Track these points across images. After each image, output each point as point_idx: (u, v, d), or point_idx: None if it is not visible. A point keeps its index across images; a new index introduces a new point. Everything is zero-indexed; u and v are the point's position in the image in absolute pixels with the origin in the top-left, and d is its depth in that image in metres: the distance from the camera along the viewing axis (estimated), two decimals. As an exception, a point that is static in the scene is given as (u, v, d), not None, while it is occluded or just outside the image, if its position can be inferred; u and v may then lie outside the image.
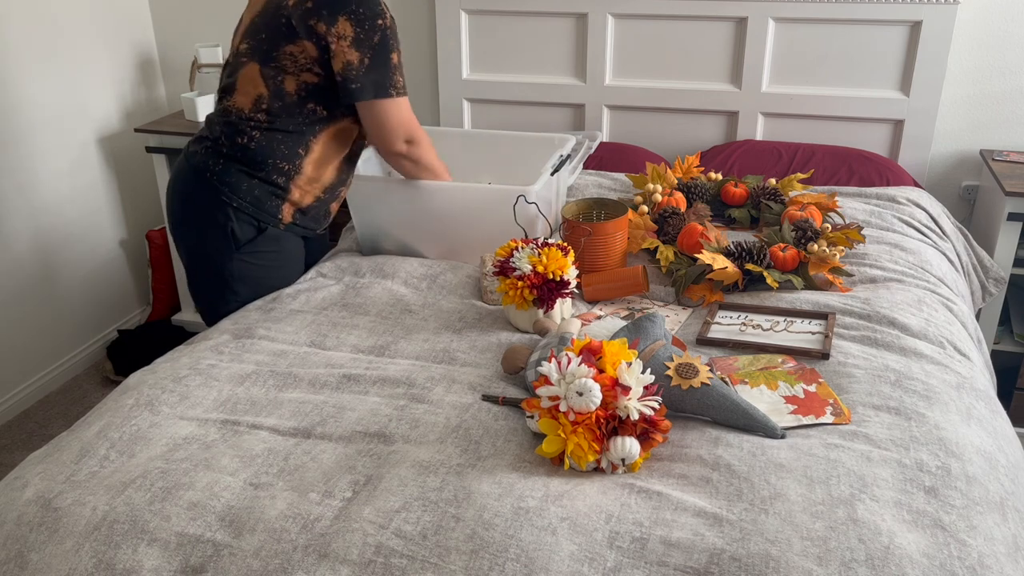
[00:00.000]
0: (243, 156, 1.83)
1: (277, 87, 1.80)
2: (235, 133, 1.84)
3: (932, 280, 1.91)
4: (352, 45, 1.74)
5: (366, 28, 1.74)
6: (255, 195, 1.85)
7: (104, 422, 1.43)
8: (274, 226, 1.89)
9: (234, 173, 1.83)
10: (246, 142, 1.83)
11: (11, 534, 1.21)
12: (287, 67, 1.79)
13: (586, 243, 1.90)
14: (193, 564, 1.14)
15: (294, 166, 1.85)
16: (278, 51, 1.78)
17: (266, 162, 1.83)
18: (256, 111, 1.82)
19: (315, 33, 1.74)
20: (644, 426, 1.28)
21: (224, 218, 1.85)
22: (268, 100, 1.81)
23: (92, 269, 3.01)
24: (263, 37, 1.79)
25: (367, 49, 1.75)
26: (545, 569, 1.09)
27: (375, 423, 1.40)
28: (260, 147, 1.83)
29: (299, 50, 1.77)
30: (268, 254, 1.91)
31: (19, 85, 2.64)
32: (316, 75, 1.80)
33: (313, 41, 1.75)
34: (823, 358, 1.58)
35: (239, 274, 1.89)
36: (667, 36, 2.70)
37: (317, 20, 1.73)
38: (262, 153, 1.83)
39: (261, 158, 1.83)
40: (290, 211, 1.90)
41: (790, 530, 1.14)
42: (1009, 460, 1.34)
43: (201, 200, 1.86)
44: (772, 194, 2.20)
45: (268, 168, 1.84)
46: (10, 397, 2.74)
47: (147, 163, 3.18)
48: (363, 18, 1.73)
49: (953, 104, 2.64)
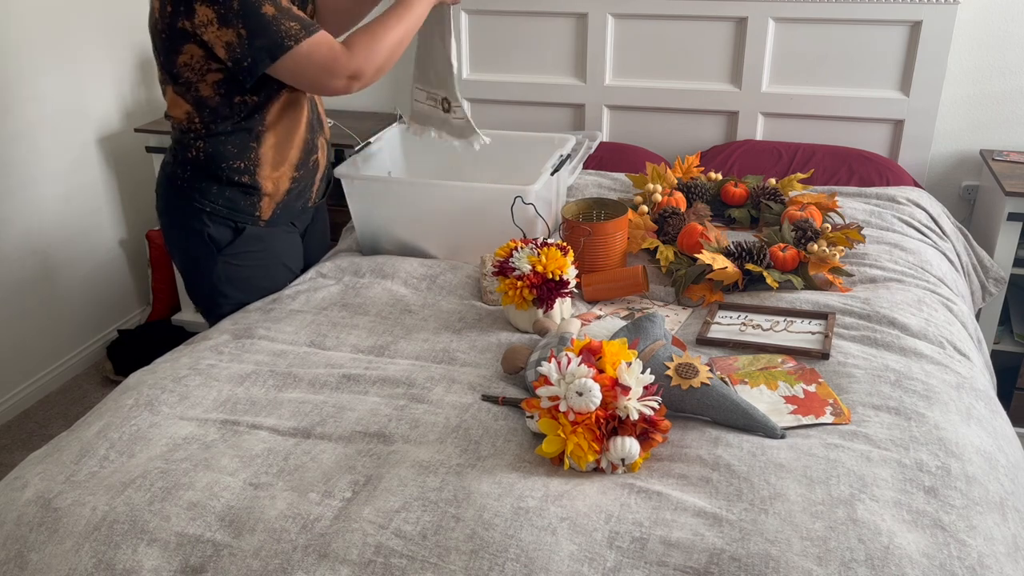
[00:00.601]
0: (199, 165, 1.81)
1: (196, 98, 1.74)
2: (183, 148, 1.81)
3: (932, 280, 1.91)
4: (219, 25, 1.61)
5: (221, 2, 1.60)
6: (227, 196, 1.82)
7: (104, 422, 1.43)
8: (253, 224, 1.86)
9: (202, 179, 1.81)
10: (196, 154, 1.80)
11: (11, 534, 1.21)
12: (191, 78, 1.72)
13: (586, 243, 1.90)
14: (193, 564, 1.14)
15: (250, 160, 1.80)
16: (175, 67, 1.72)
17: (220, 166, 1.79)
18: (192, 123, 1.78)
19: (187, 33, 1.66)
20: (644, 426, 1.28)
21: (200, 224, 1.83)
22: (196, 113, 1.76)
23: (92, 269, 3.01)
24: (161, 60, 1.73)
25: (235, 20, 1.61)
26: (545, 569, 1.09)
27: (375, 423, 1.40)
28: (208, 154, 1.79)
29: (188, 57, 1.69)
30: (252, 254, 1.89)
31: (19, 85, 2.64)
32: (219, 70, 1.71)
33: (193, 41, 1.67)
34: (823, 358, 1.58)
35: (225, 277, 1.88)
36: (667, 36, 2.71)
37: (181, 19, 1.64)
38: (214, 159, 1.79)
39: (216, 162, 1.79)
40: (269, 205, 1.87)
41: (790, 530, 1.14)
42: (1009, 460, 1.34)
43: (177, 208, 1.85)
44: (772, 194, 2.20)
45: (225, 171, 1.80)
46: (10, 397, 2.74)
47: (147, 163, 3.18)
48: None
49: (953, 104, 2.64)
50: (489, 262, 1.91)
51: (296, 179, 1.90)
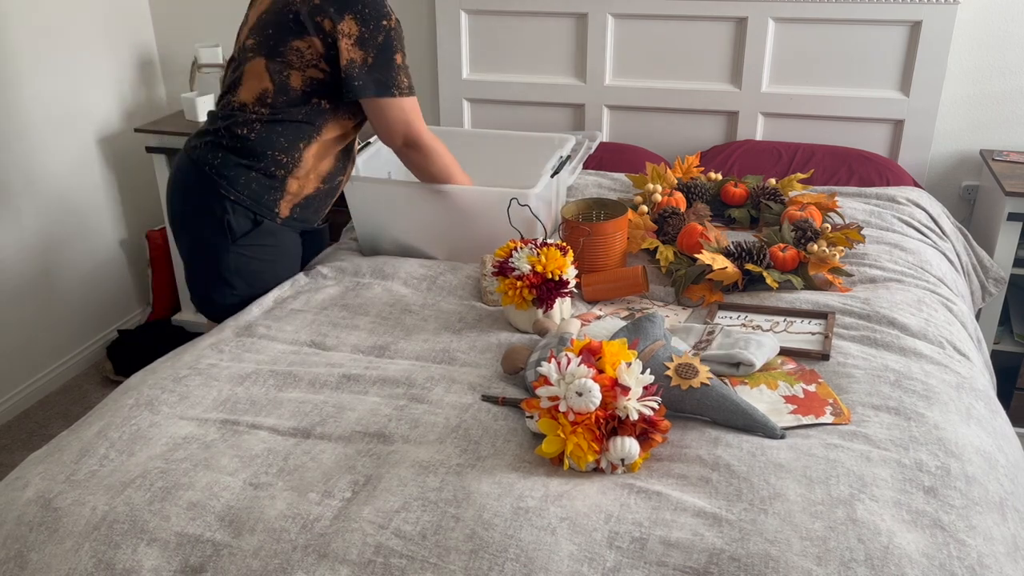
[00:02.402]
0: (242, 148, 1.85)
1: (282, 82, 1.83)
2: (236, 125, 1.86)
3: (932, 280, 1.91)
4: (356, 43, 1.78)
5: (371, 28, 1.78)
6: (252, 188, 1.86)
7: (104, 422, 1.43)
8: (271, 220, 1.90)
9: (232, 166, 1.85)
10: (246, 133, 1.85)
11: (11, 534, 1.21)
12: (293, 62, 1.81)
13: (586, 243, 1.90)
14: (193, 564, 1.14)
15: (293, 158, 1.87)
16: (285, 46, 1.81)
17: (265, 154, 1.85)
18: (259, 105, 1.84)
19: (322, 30, 1.78)
20: (644, 426, 1.28)
21: (221, 210, 1.86)
22: (272, 95, 1.83)
23: (92, 269, 3.01)
24: (270, 32, 1.82)
25: (371, 48, 1.79)
26: (545, 569, 1.09)
27: (375, 423, 1.40)
28: (260, 138, 1.85)
29: (306, 46, 1.79)
30: (265, 248, 1.92)
31: (19, 85, 2.64)
32: (322, 71, 1.82)
33: (320, 37, 1.78)
34: (823, 359, 1.58)
35: (235, 267, 1.90)
36: (667, 36, 2.70)
37: (324, 17, 1.77)
38: (261, 144, 1.85)
39: (260, 149, 1.85)
40: (288, 206, 1.91)
41: (789, 530, 1.14)
42: (1008, 460, 1.34)
43: (199, 192, 1.87)
44: (772, 194, 2.20)
45: (267, 160, 1.85)
46: (10, 397, 2.74)
47: (147, 163, 3.18)
48: (368, 18, 1.77)
49: (953, 104, 2.64)
50: (489, 263, 1.91)
51: (319, 190, 1.95)
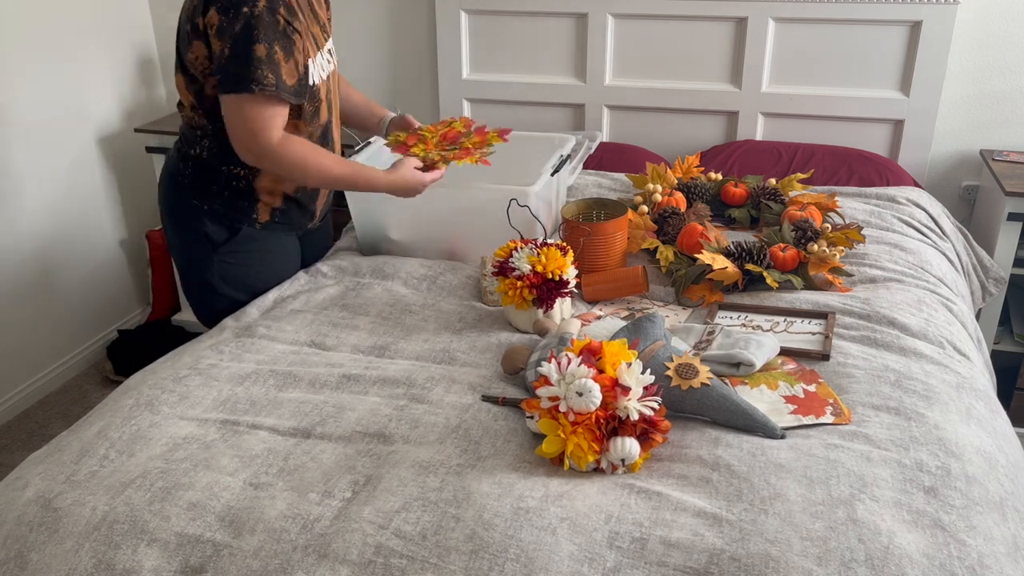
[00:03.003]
0: (201, 166, 1.82)
1: (199, 93, 1.76)
2: (189, 144, 1.82)
3: (932, 280, 1.91)
4: (216, 34, 1.64)
5: (230, 16, 1.62)
6: (224, 197, 1.83)
7: (104, 422, 1.43)
8: (249, 226, 1.87)
9: (202, 178, 1.82)
10: (199, 152, 1.81)
11: (11, 534, 1.21)
12: (196, 74, 1.74)
13: (586, 243, 1.90)
14: (193, 564, 1.14)
15: (250, 168, 1.81)
16: (185, 59, 1.74)
17: (220, 169, 1.80)
18: (196, 117, 1.79)
19: (198, 30, 1.69)
20: (644, 426, 1.28)
21: (198, 222, 1.85)
22: (199, 107, 1.78)
23: (92, 269, 3.01)
24: (178, 47, 1.76)
25: (228, 37, 1.63)
26: (545, 569, 1.09)
27: (375, 423, 1.40)
28: (212, 155, 1.80)
29: (194, 56, 1.71)
30: (248, 254, 1.90)
31: (19, 85, 2.64)
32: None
33: (201, 39, 1.69)
34: (823, 359, 1.58)
35: (221, 274, 1.89)
36: (667, 36, 2.70)
37: (198, 15, 1.68)
38: (215, 160, 1.80)
39: (216, 165, 1.80)
40: (267, 209, 1.88)
41: (790, 530, 1.14)
42: (1009, 460, 1.34)
43: (176, 204, 1.86)
44: (772, 194, 2.20)
45: (225, 174, 1.81)
46: (10, 397, 2.74)
47: (147, 163, 3.18)
48: (228, 6, 1.62)
49: (953, 104, 2.64)
50: (489, 263, 1.91)
51: (298, 190, 1.90)
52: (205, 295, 1.92)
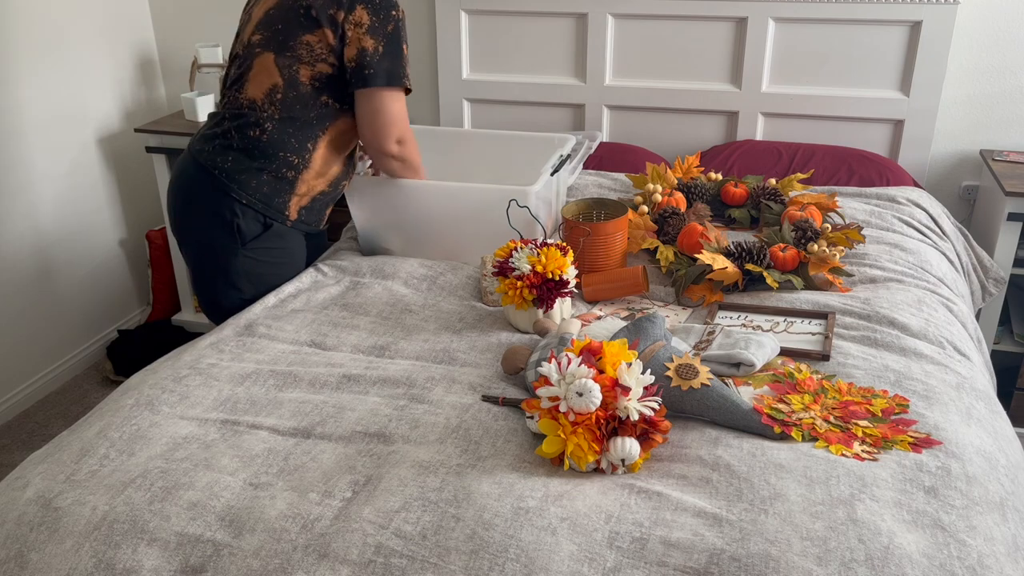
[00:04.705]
0: (254, 148, 1.85)
1: (292, 76, 1.84)
2: (247, 126, 1.86)
3: (932, 280, 1.91)
4: (367, 32, 1.80)
5: (381, 17, 1.81)
6: (264, 191, 1.87)
7: (104, 422, 1.43)
8: (281, 222, 1.91)
9: (244, 169, 1.85)
10: (258, 134, 1.85)
11: (11, 534, 1.21)
12: (303, 56, 1.83)
13: (586, 243, 1.90)
14: (193, 564, 1.14)
15: (303, 159, 1.88)
16: (295, 40, 1.82)
17: (276, 155, 1.86)
18: (269, 102, 1.85)
19: (334, 21, 1.80)
20: (644, 427, 1.28)
21: (231, 214, 1.86)
22: (282, 89, 1.84)
23: (92, 269, 3.01)
24: (279, 28, 1.83)
25: (381, 37, 1.81)
26: (545, 569, 1.09)
27: (375, 423, 1.40)
28: (272, 139, 1.85)
29: (317, 39, 1.81)
30: (273, 251, 1.92)
31: (19, 85, 2.64)
32: (330, 65, 1.84)
33: (332, 29, 1.80)
34: (823, 359, 1.58)
35: (243, 270, 1.90)
36: (667, 36, 2.71)
37: (337, 8, 1.79)
38: (273, 145, 1.85)
39: (272, 150, 1.85)
40: (296, 208, 1.92)
41: (790, 530, 1.14)
42: (1009, 460, 1.34)
43: (208, 197, 1.87)
44: (772, 194, 2.20)
45: (278, 161, 1.86)
46: (10, 397, 2.74)
47: (147, 163, 3.18)
48: (379, 8, 1.81)
49: (953, 104, 2.64)
50: (489, 262, 1.91)
51: (323, 193, 1.96)
52: (221, 290, 1.93)
